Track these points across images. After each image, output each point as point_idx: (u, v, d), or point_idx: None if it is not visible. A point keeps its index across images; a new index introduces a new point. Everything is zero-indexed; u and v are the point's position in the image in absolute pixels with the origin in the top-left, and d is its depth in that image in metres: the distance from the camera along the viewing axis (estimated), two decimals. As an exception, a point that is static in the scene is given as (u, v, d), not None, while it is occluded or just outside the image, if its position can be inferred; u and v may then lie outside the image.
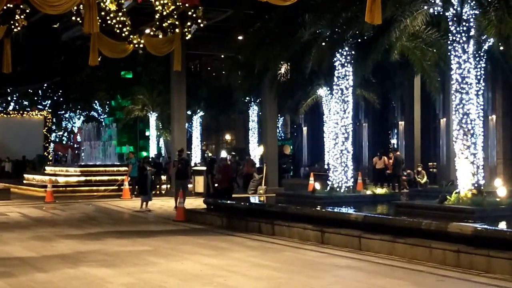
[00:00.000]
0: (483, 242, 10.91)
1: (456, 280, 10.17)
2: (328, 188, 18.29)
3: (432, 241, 11.63)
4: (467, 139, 14.29)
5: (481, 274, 10.38)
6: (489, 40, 16.39)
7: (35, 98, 53.02)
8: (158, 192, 28.88)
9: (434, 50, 17.63)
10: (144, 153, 42.93)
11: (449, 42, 14.63)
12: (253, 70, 21.56)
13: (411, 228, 12.37)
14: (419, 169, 27.00)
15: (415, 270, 10.95)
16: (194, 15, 19.43)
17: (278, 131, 36.50)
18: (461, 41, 14.28)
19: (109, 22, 19.51)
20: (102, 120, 50.95)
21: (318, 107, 30.11)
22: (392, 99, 32.60)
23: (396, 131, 34.12)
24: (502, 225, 11.94)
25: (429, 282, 10.15)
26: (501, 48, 17.19)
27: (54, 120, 51.35)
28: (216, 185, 21.13)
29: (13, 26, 20.27)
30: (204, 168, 26.98)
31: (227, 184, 20.56)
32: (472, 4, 14.30)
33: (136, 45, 20.06)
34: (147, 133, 45.03)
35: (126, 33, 19.79)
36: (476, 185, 14.25)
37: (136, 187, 24.71)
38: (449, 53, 14.67)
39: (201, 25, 19.83)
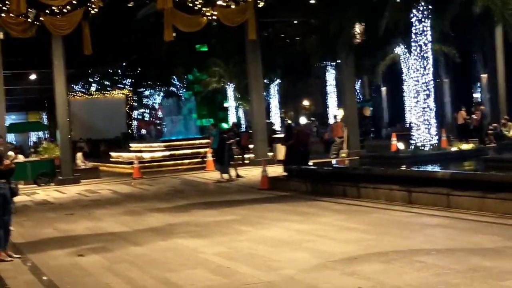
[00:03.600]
0: None
1: (552, 233, 9.90)
2: (412, 147, 18.01)
3: (524, 194, 11.32)
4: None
5: None
6: None
7: (115, 78, 54.27)
8: (241, 162, 29.20)
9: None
10: (225, 125, 43.37)
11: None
12: (328, 34, 21.31)
13: (501, 182, 12.05)
14: (505, 121, 26.19)
15: (507, 225, 10.70)
16: (265, -17, 19.36)
17: (356, 93, 36.09)
18: (544, -15, 13.67)
19: (181, -4, 19.71)
20: (181, 94, 51.67)
21: (396, 66, 29.57)
22: (473, 52, 31.63)
23: (479, 84, 33.15)
24: None
25: (524, 236, 9.90)
26: None
27: (135, 98, 52.48)
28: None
29: (90, 9, 20.77)
30: (283, 135, 27.03)
31: (301, 149, 20.44)
32: None
33: (210, 17, 20.18)
34: (225, 105, 45.39)
35: (199, 6, 19.95)
36: None
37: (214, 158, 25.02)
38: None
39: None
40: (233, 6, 19.73)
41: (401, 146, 18.42)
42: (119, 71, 54.38)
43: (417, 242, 9.96)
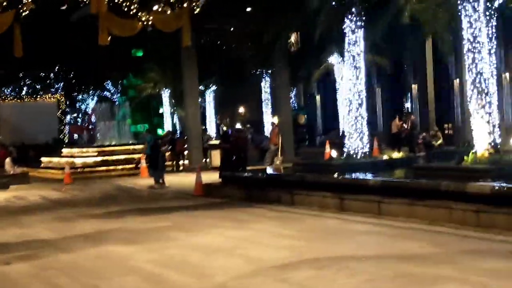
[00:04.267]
0: (502, 200, 10.90)
1: (477, 239, 10.20)
2: (345, 155, 18.30)
3: (452, 202, 11.64)
4: (482, 99, 14.22)
5: (502, 232, 10.39)
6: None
7: (47, 82, 53.18)
8: (175, 168, 29.05)
9: (445, 11, 17.45)
10: (160, 131, 43.06)
11: (459, 1, 14.47)
12: (263, 42, 21.49)
13: (430, 190, 12.37)
14: (434, 132, 26.90)
15: (436, 232, 10.98)
16: (201, -11, 19.37)
17: (291, 101, 36.41)
18: (471, 0, 14.13)
19: (116, 0, 19.50)
20: (116, 99, 51.06)
21: (330, 75, 30.00)
22: (404, 63, 32.40)
23: (409, 94, 33.96)
24: (521, 183, 11.91)
25: (451, 241, 10.18)
26: (512, 5, 17.02)
27: (67, 103, 51.54)
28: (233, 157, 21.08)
29: (21, 10, 20.32)
30: (218, 142, 27.04)
31: (239, 155, 20.52)
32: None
33: (145, 22, 20.05)
34: (160, 111, 45.10)
35: (134, 10, 19.79)
36: (492, 144, 14.20)
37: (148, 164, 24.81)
38: (459, 13, 14.53)
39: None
40: (168, 12, 19.66)
41: (334, 154, 18.68)
42: (52, 74, 53.31)
43: (349, 248, 10.11)
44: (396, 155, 18.66)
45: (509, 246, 9.55)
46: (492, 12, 15.95)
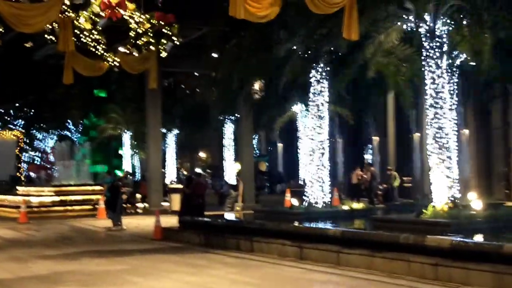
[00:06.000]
0: (460, 255, 11.01)
1: (435, 293, 10.26)
2: (305, 203, 18.34)
3: (410, 254, 11.71)
4: (442, 153, 14.47)
5: (459, 286, 10.47)
6: (461, 55, 16.63)
7: (7, 118, 52.45)
8: (133, 211, 28.75)
9: (408, 66, 17.83)
10: (119, 172, 42.66)
11: (422, 57, 14.83)
12: (229, 88, 21.61)
13: (389, 242, 12.44)
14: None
15: (394, 284, 11.01)
16: (169, 33, 19.49)
17: (254, 147, 36.54)
18: (434, 56, 14.50)
19: (83, 40, 19.48)
20: (76, 139, 50.54)
21: (293, 124, 30.23)
22: (366, 115, 32.86)
23: (370, 146, 34.39)
24: (479, 238, 12.08)
25: (409, 295, 10.22)
26: (473, 63, 17.45)
27: (26, 140, 50.80)
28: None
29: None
30: (180, 186, 26.91)
31: (198, 200, 20.43)
32: (445, 20, 14.53)
33: (111, 63, 20.04)
34: (120, 152, 44.75)
35: (101, 51, 19.77)
36: (451, 198, 14.40)
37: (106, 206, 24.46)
38: (423, 69, 14.87)
39: (176, 42, 19.89)
40: (135, 54, 19.71)
41: (294, 202, 18.72)
42: (12, 111, 52.63)
43: (307, 298, 10.05)
44: (356, 205, 18.78)
45: (467, 300, 9.62)
46: (454, 69, 16.42)
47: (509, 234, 12.38)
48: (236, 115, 32.91)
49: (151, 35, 19.53)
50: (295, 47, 18.27)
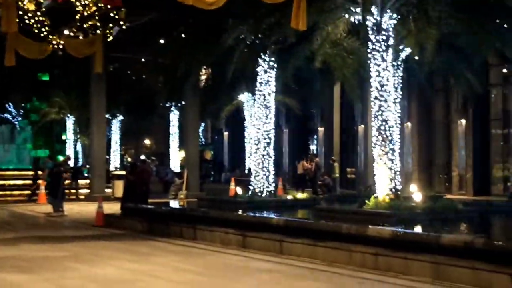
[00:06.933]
0: (400, 245, 11.21)
1: (375, 282, 10.40)
2: (250, 193, 18.39)
3: (352, 244, 11.87)
4: (385, 145, 14.68)
5: (398, 276, 10.65)
6: (405, 49, 16.86)
7: None
8: (76, 197, 28.34)
9: (355, 58, 17.99)
10: (61, 157, 41.93)
11: (368, 50, 14.99)
12: (175, 75, 21.46)
13: (331, 232, 12.58)
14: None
15: (335, 273, 11.13)
16: (116, 17, 19.20)
17: (199, 136, 36.41)
18: (380, 49, 14.68)
19: (27, 21, 19.03)
20: (16, 122, 49.43)
21: (240, 113, 30.24)
22: (312, 106, 33.09)
23: (316, 137, 34.66)
24: (418, 229, 12.33)
25: (349, 284, 10.35)
26: (417, 57, 17.73)
27: (-35, 123, 49.44)
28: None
29: None
30: (123, 172, 26.62)
31: (142, 188, 20.25)
32: (391, 14, 14.71)
33: (56, 46, 19.63)
34: (63, 137, 44.00)
35: (45, 33, 19.35)
36: (393, 190, 14.64)
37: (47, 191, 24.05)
38: (368, 61, 15.03)
39: (123, 27, 19.61)
40: (81, 37, 19.35)
41: (239, 191, 18.75)
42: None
43: (247, 286, 10.11)
44: (300, 195, 18.93)
45: (405, 290, 9.80)
46: (399, 63, 16.64)
47: (447, 225, 12.67)
48: (182, 102, 32.70)
49: (98, 18, 19.19)
50: (243, 36, 18.23)
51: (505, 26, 16.08)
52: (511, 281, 9.28)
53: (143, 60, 37.96)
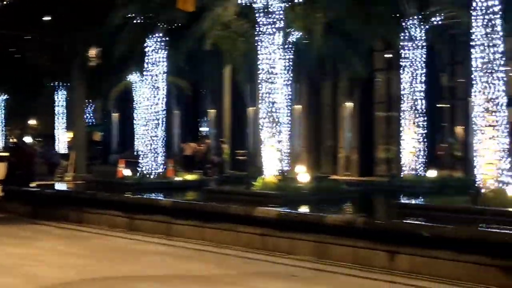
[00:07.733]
0: (287, 225, 11.42)
1: (261, 262, 10.57)
2: (138, 174, 18.17)
3: (240, 225, 11.98)
4: (273, 127, 14.85)
5: (284, 256, 10.87)
6: (294, 33, 17.09)
7: None
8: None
9: (245, 41, 18.05)
10: None
11: (257, 33, 15.06)
12: (61, 54, 20.81)
13: (219, 213, 12.64)
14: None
15: (223, 254, 11.23)
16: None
17: (88, 117, 35.55)
18: (268, 32, 14.78)
19: None
20: None
21: (130, 93, 29.73)
22: (203, 87, 33.00)
23: (207, 118, 34.63)
24: (304, 209, 12.59)
25: (236, 264, 10.46)
26: (306, 42, 18.01)
27: None
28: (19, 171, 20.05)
29: None
30: (6, 154, 25.59)
31: (24, 169, 19.59)
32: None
33: None
34: None
35: None
36: (281, 171, 14.86)
37: None
38: (257, 44, 15.11)
39: (4, 2, 18.77)
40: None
41: (128, 172, 18.46)
42: None
43: (135, 268, 10.01)
44: (189, 177, 18.89)
45: (291, 269, 10.00)
46: (289, 46, 16.86)
47: (331, 205, 13.02)
48: (68, 82, 31.73)
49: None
50: (131, 15, 17.89)
51: (389, 13, 16.63)
52: (388, 257, 9.68)
53: (29, 37, 36.55)
